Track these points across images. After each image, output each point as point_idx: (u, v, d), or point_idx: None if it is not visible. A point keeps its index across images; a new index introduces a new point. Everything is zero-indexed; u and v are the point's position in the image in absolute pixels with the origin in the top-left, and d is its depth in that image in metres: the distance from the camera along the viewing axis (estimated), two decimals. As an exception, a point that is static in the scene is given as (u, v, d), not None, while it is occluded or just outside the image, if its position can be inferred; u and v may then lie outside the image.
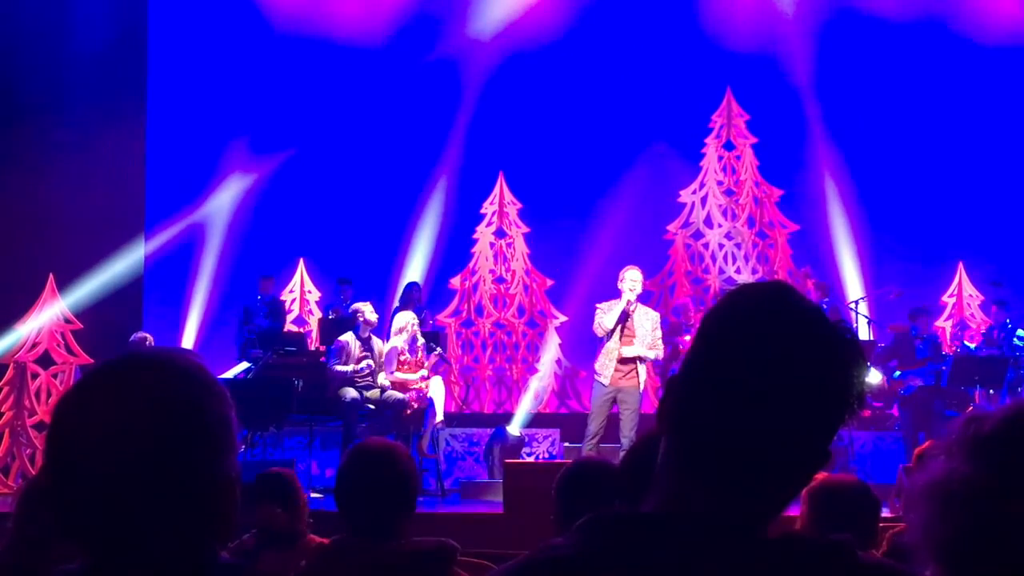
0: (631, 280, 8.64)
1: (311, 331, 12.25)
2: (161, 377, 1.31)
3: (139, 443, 1.26)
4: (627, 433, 8.53)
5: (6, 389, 9.72)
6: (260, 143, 12.71)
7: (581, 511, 1.28)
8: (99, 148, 11.63)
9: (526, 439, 10.37)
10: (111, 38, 12.03)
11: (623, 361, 8.62)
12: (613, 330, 8.59)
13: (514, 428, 10.33)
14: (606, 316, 8.63)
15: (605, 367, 8.63)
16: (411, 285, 11.42)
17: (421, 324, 10.22)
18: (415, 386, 9.50)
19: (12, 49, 11.32)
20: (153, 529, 1.27)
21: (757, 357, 1.21)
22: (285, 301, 12.56)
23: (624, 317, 8.59)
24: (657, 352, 8.83)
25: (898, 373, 10.23)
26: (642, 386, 8.77)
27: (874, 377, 10.87)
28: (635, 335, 8.64)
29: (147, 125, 12.51)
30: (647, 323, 8.72)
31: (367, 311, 9.74)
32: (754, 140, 12.98)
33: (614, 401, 8.67)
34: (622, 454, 7.54)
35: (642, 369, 8.72)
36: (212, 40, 12.76)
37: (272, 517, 4.23)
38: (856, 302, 11.42)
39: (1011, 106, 12.74)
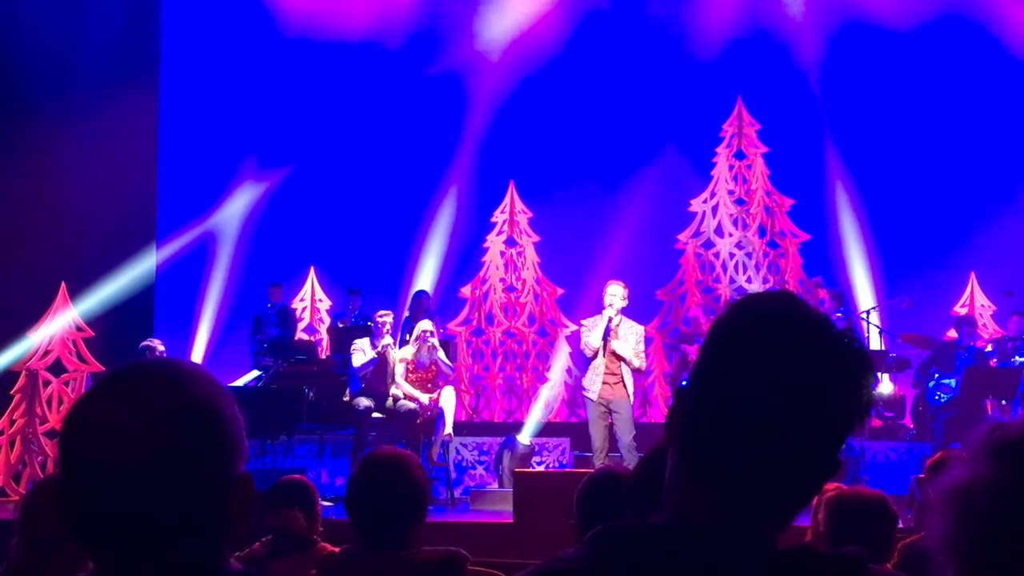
0: (610, 295, 8.85)
1: (322, 340, 12.27)
2: (174, 380, 1.31)
3: (156, 445, 1.26)
4: (625, 441, 8.72)
5: (18, 397, 9.75)
6: (271, 152, 12.75)
7: (602, 521, 1.28)
8: (111, 157, 11.67)
9: (536, 448, 10.35)
10: (123, 47, 12.08)
11: (609, 372, 8.79)
12: (599, 347, 8.77)
13: (524, 437, 10.32)
14: (591, 334, 8.85)
15: (593, 382, 8.87)
16: (419, 293, 11.44)
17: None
18: (420, 396, 9.54)
19: (24, 57, 11.37)
20: (168, 534, 1.27)
21: (764, 367, 1.21)
22: (296, 309, 12.59)
23: (607, 332, 8.75)
24: (640, 362, 8.97)
25: (932, 383, 10.16)
26: (631, 397, 8.95)
27: (885, 387, 10.83)
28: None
29: (159, 134, 12.57)
30: (631, 337, 8.87)
31: (378, 319, 9.78)
32: (765, 149, 12.96)
33: (609, 413, 8.83)
34: (628, 464, 7.57)
35: (628, 379, 8.88)
36: (224, 51, 12.81)
37: (292, 520, 4.24)
38: (868, 312, 11.38)
39: (1022, 114, 12.70)
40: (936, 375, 10.22)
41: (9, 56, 11.33)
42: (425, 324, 9.76)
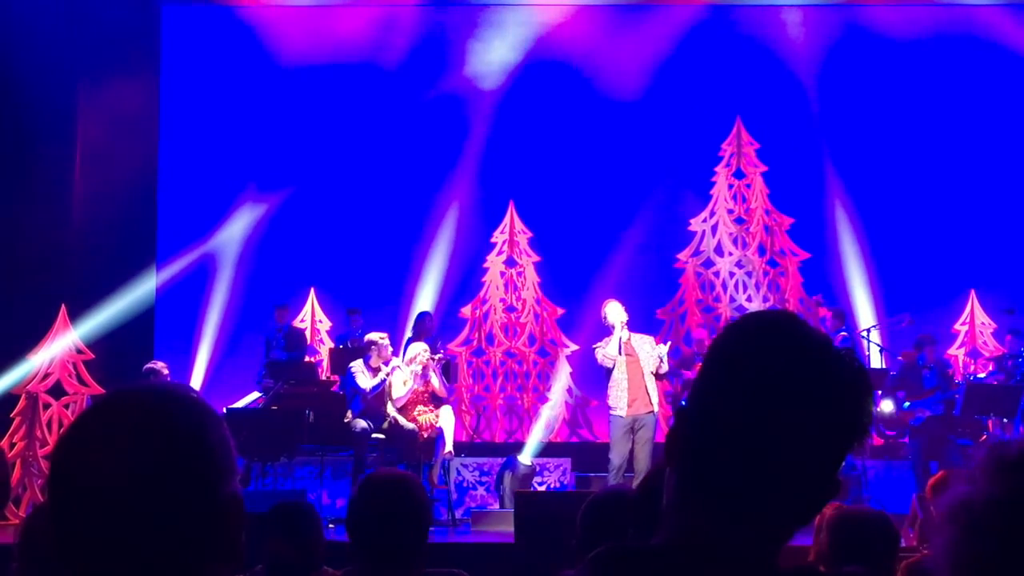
0: (614, 313, 9.06)
1: (322, 361, 12.25)
2: (158, 406, 1.31)
3: (140, 472, 1.26)
4: (642, 461, 8.70)
5: (18, 420, 9.74)
6: (271, 174, 12.77)
7: (606, 541, 1.28)
8: (111, 179, 11.70)
9: (537, 468, 10.33)
10: (124, 72, 12.13)
11: (633, 385, 8.89)
12: (616, 355, 8.91)
13: (525, 457, 10.30)
14: (607, 347, 8.99)
15: (618, 399, 8.89)
16: (423, 315, 11.43)
17: (433, 353, 10.23)
18: (418, 416, 9.54)
19: (27, 81, 11.41)
20: (157, 559, 1.27)
21: (764, 386, 1.21)
22: (304, 329, 12.54)
23: (620, 346, 8.94)
24: (663, 363, 9.16)
25: (908, 404, 10.17)
26: (656, 410, 8.99)
27: (887, 406, 10.81)
28: (638, 358, 8.97)
29: (159, 156, 12.60)
30: (645, 345, 9.11)
31: (378, 341, 9.78)
32: (764, 168, 12.98)
33: (633, 431, 8.87)
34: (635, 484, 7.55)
35: (654, 393, 8.92)
36: (223, 73, 12.86)
37: (280, 551, 4.21)
38: (868, 330, 11.37)
39: (1021, 131, 12.73)
40: (906, 397, 10.21)
41: (11, 78, 11.38)
42: (415, 347, 9.81)
